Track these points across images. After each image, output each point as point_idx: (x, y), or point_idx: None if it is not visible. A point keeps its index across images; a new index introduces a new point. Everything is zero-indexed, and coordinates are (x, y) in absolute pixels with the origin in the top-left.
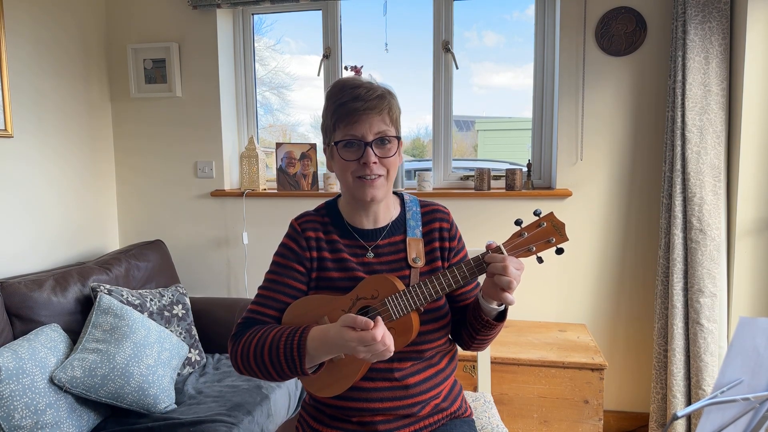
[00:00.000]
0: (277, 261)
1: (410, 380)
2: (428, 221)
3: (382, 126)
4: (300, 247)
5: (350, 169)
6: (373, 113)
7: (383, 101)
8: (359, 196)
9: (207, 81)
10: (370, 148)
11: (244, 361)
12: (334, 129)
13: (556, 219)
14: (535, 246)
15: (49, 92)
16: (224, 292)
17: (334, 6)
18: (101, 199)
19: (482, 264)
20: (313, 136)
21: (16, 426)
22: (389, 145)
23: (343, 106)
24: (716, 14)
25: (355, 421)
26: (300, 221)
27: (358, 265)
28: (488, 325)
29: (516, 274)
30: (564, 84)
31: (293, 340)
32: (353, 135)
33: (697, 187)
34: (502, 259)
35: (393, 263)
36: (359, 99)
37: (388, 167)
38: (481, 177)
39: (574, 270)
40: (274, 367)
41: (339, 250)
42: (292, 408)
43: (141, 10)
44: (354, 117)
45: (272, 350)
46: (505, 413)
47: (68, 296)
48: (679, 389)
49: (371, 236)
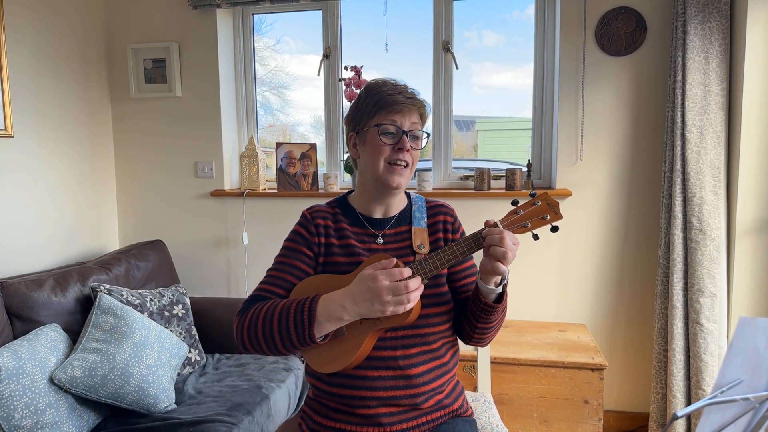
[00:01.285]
0: (287, 245)
1: (414, 370)
2: (433, 214)
3: (417, 122)
4: (309, 233)
5: (384, 154)
6: (413, 108)
7: (420, 101)
8: (386, 181)
9: (207, 81)
10: (406, 136)
11: (251, 333)
12: (374, 115)
13: (550, 198)
14: (531, 222)
15: (49, 92)
16: (224, 292)
17: (334, 6)
18: (101, 199)
19: (480, 239)
20: (313, 136)
21: (16, 426)
22: (419, 140)
23: (388, 96)
24: (716, 14)
25: (359, 413)
26: (311, 210)
27: (365, 251)
28: (487, 310)
29: (511, 246)
30: (564, 84)
31: (303, 307)
32: (394, 121)
33: (697, 187)
34: (499, 232)
35: (398, 250)
36: (402, 93)
37: (414, 159)
38: (481, 177)
39: (573, 270)
40: (281, 336)
41: (347, 236)
42: (292, 408)
43: (141, 10)
44: (397, 107)
45: (281, 318)
46: (505, 413)
47: (68, 296)
48: (679, 389)
49: (379, 225)
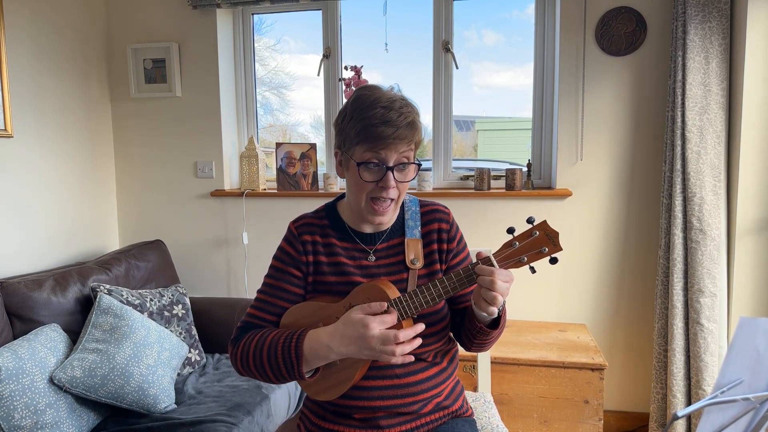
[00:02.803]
0: (275, 265)
1: (411, 378)
2: (428, 221)
3: (406, 150)
4: (296, 251)
5: (366, 190)
6: (401, 141)
7: (412, 130)
8: (367, 219)
9: (207, 81)
10: (391, 173)
11: (244, 365)
12: (356, 144)
13: (549, 228)
14: (527, 256)
15: (49, 92)
16: (224, 292)
17: (334, 6)
18: (101, 199)
19: (472, 275)
20: (313, 136)
21: (15, 426)
22: (408, 169)
23: (371, 128)
24: (716, 14)
25: (358, 417)
26: (297, 224)
27: (356, 268)
28: (482, 332)
29: (503, 288)
30: (564, 84)
31: (290, 345)
32: (377, 154)
33: (697, 187)
34: (491, 273)
35: (391, 266)
36: (390, 125)
37: (401, 191)
38: (481, 177)
39: (574, 270)
40: (273, 371)
41: (336, 254)
42: (292, 408)
43: (141, 10)
44: (381, 143)
45: (270, 353)
46: (505, 413)
47: (68, 296)
48: (679, 389)
49: (371, 240)
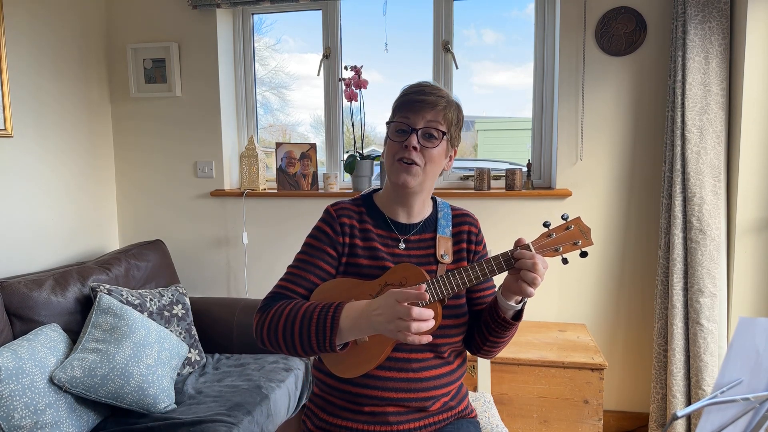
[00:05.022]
0: (310, 243)
1: (426, 373)
2: (458, 223)
3: (434, 120)
4: (334, 232)
5: (393, 151)
6: (429, 107)
7: (442, 100)
8: (393, 179)
9: (207, 81)
10: (415, 134)
11: (271, 332)
12: (394, 115)
13: (582, 223)
14: (562, 247)
15: (49, 92)
16: (224, 292)
17: (334, 6)
18: (101, 199)
19: (511, 260)
20: (313, 136)
21: (15, 426)
22: (435, 139)
23: (406, 96)
24: (716, 14)
25: (367, 410)
26: (336, 207)
27: (388, 254)
28: (504, 325)
29: (543, 272)
30: (564, 84)
31: (327, 314)
32: (406, 118)
33: (697, 187)
34: (531, 257)
35: (422, 257)
36: (422, 93)
37: (427, 160)
38: (480, 177)
39: (574, 270)
40: (302, 340)
41: (371, 239)
42: (292, 408)
43: (141, 10)
44: (412, 106)
45: (303, 322)
46: (505, 413)
47: (68, 296)
48: (679, 389)
49: (404, 229)
